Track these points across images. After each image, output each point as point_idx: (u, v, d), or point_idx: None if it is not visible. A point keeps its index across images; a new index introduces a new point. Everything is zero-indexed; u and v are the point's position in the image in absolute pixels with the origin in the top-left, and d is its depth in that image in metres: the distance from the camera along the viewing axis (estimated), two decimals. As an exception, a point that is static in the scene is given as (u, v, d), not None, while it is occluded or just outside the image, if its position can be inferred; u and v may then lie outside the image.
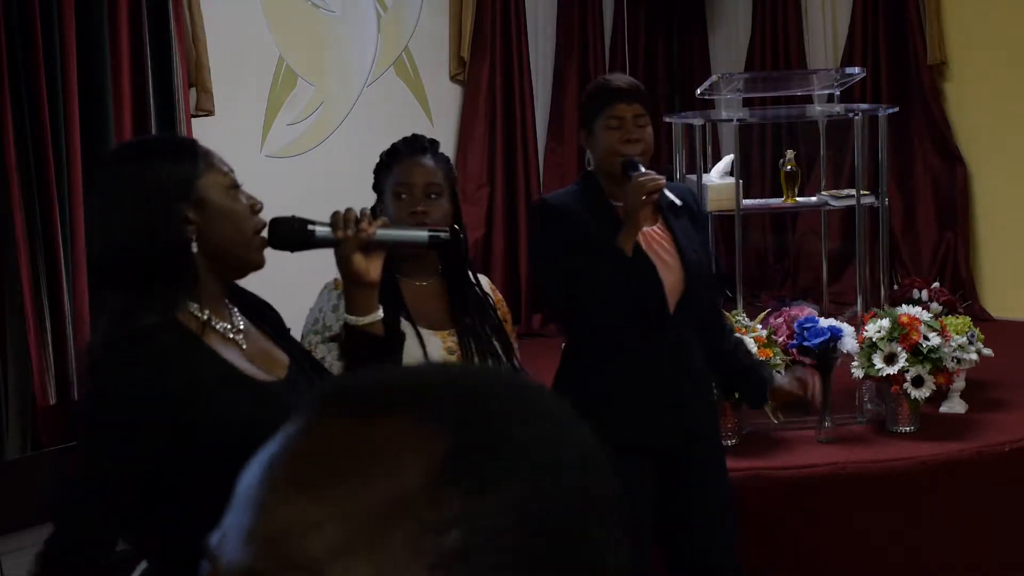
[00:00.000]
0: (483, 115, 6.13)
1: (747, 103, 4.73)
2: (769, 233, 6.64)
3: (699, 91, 4.70)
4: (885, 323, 4.19)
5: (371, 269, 2.20)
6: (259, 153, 5.31)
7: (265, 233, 2.15)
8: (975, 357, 4.35)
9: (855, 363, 4.21)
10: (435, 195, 2.80)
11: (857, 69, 4.98)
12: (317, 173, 5.41)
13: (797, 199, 4.84)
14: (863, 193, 4.62)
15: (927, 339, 4.16)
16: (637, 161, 3.06)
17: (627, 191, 3.00)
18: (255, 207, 2.13)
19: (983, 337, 4.44)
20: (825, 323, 4.13)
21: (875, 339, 4.18)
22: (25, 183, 4.07)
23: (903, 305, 4.37)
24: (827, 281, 5.40)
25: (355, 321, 2.23)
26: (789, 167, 4.78)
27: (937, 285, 5.01)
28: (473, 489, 0.64)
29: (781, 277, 6.60)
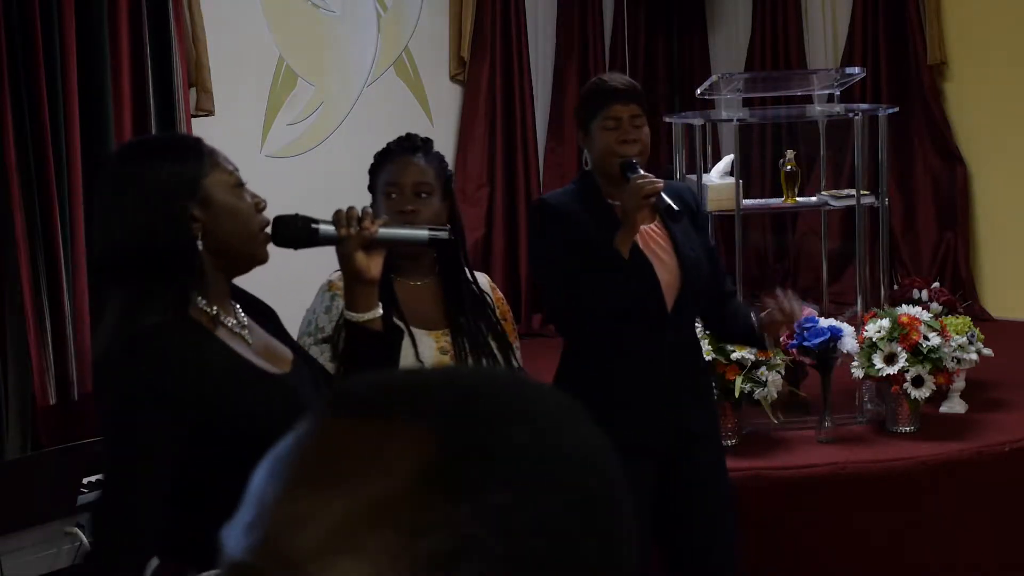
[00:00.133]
0: (483, 115, 6.13)
1: (747, 103, 4.73)
2: (769, 233, 6.63)
3: (699, 91, 4.69)
4: (885, 323, 4.19)
5: (372, 267, 2.23)
6: (259, 153, 5.30)
7: (269, 231, 2.18)
8: (975, 357, 4.35)
9: (855, 363, 4.21)
10: (425, 194, 2.80)
11: (857, 69, 4.98)
12: (317, 173, 5.41)
13: (797, 199, 4.84)
14: (863, 193, 4.62)
15: (927, 339, 4.16)
16: (635, 163, 3.06)
17: (625, 194, 2.99)
18: (259, 205, 2.17)
19: (983, 337, 4.44)
20: (825, 323, 4.13)
21: (875, 339, 4.18)
22: (25, 183, 4.07)
23: (903, 305, 4.37)
24: (827, 281, 5.40)
25: (355, 317, 2.24)
26: (789, 167, 4.77)
27: (937, 285, 5.01)
28: (456, 494, 0.63)
29: (781, 277, 6.59)
